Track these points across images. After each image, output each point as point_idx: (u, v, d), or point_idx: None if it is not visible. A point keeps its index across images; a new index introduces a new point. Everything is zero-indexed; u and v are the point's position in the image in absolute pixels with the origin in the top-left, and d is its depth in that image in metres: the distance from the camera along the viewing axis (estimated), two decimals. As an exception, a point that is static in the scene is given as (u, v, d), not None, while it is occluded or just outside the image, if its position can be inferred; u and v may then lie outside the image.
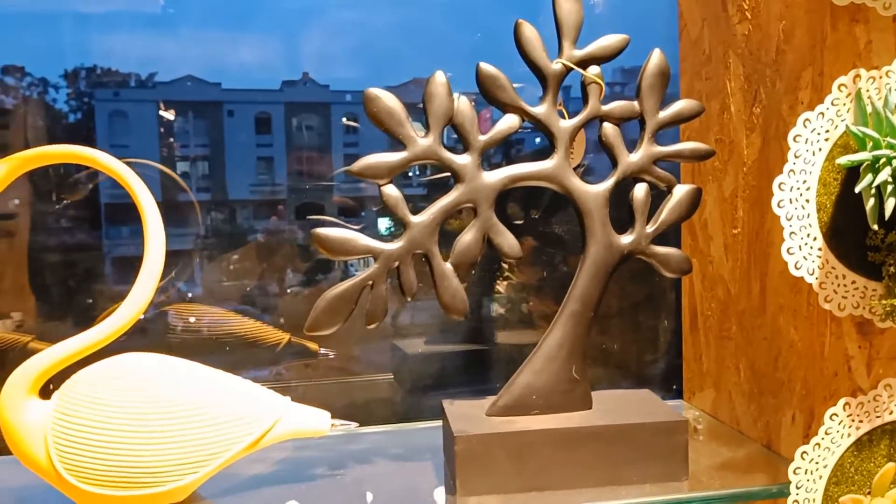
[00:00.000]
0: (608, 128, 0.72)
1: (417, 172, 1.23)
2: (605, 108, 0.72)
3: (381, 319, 0.70)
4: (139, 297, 0.69)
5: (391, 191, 0.69)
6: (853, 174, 0.64)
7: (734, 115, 0.80)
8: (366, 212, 1.22)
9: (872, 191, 0.62)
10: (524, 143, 1.13)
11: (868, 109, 0.63)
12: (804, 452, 0.64)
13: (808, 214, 0.63)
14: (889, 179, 0.61)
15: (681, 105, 0.73)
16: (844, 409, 0.66)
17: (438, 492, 0.70)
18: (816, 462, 0.65)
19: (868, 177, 0.61)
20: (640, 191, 0.73)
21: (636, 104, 0.72)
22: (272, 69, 1.15)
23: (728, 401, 0.85)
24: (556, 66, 0.71)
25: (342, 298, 0.68)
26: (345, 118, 1.23)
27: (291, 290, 1.12)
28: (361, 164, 0.69)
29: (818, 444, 0.65)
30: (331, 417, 0.72)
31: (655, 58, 0.72)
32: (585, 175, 0.91)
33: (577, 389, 0.73)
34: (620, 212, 0.74)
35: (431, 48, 1.15)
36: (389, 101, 0.68)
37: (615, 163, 0.72)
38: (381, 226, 1.23)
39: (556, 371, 0.72)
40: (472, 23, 1.15)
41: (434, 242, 0.70)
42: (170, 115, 1.11)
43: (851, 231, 0.65)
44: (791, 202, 0.63)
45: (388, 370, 1.10)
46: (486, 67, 0.70)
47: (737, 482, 0.70)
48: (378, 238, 0.69)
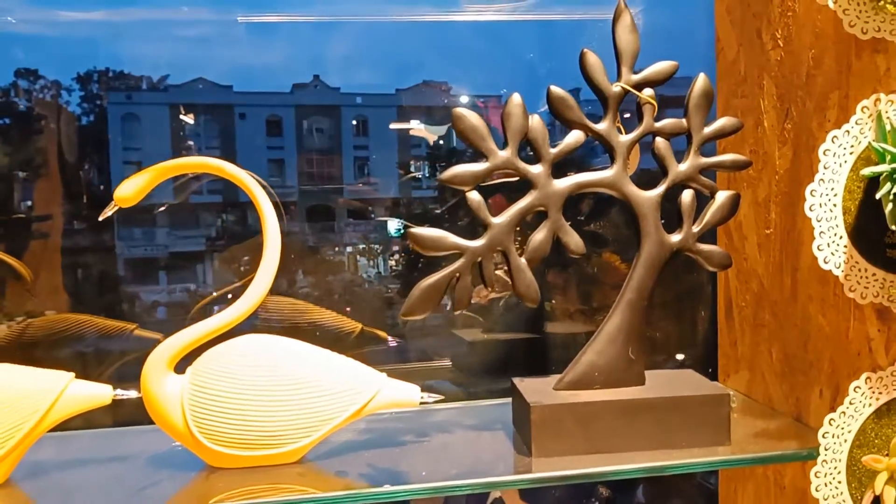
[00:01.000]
0: (660, 142, 0.84)
1: (427, 175, 1.31)
2: (658, 125, 0.83)
3: (466, 307, 0.81)
4: (258, 288, 0.81)
5: (474, 196, 0.80)
6: (874, 183, 0.75)
7: (768, 130, 0.92)
8: (374, 213, 1.29)
9: (891, 197, 0.73)
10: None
11: (887, 128, 0.74)
12: (831, 419, 0.76)
13: (836, 217, 0.75)
14: (905, 187, 0.72)
15: (723, 122, 0.84)
16: (866, 383, 0.77)
17: (514, 454, 0.82)
18: (842, 428, 0.76)
19: (887, 185, 0.73)
20: (688, 196, 0.84)
21: (684, 121, 0.84)
22: (283, 72, 1.20)
23: (762, 381, 0.96)
24: (616, 89, 0.82)
25: (434, 288, 0.80)
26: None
27: (302, 290, 1.21)
28: (450, 174, 0.80)
29: (843, 413, 0.76)
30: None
31: (701, 81, 0.84)
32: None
33: (633, 368, 0.84)
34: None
35: (441, 52, 1.20)
36: (473, 119, 0.79)
37: (665, 172, 0.84)
38: (391, 227, 1.31)
39: (616, 352, 0.84)
40: (479, 26, 1.22)
41: (511, 241, 0.81)
42: (189, 119, 1.18)
43: (873, 231, 0.77)
44: (821, 206, 0.74)
45: (448, 356, 1.21)
46: (556, 90, 0.81)
47: (772, 447, 0.81)
48: (463, 237, 0.80)
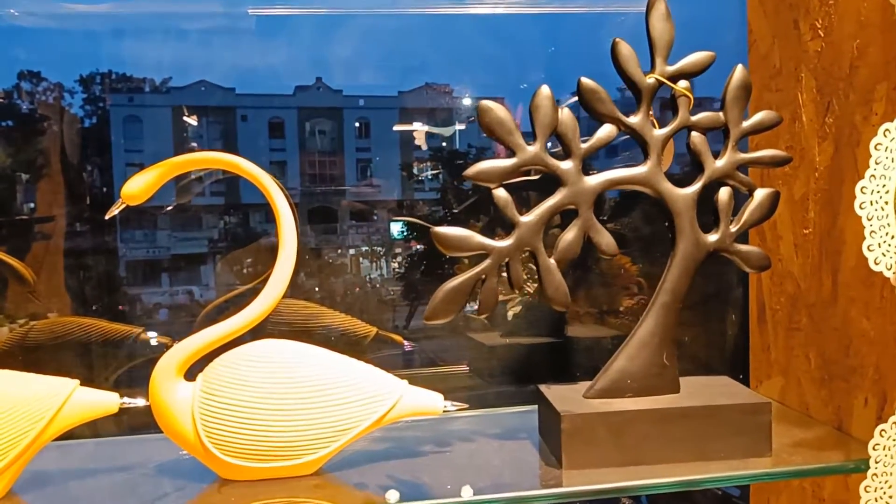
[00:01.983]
0: (696, 136, 0.79)
1: (430, 176, 1.29)
2: (694, 119, 0.79)
3: (492, 310, 0.77)
4: (273, 291, 0.77)
5: (501, 193, 0.76)
6: (927, 179, 0.70)
7: (806, 125, 0.87)
8: (376, 215, 1.27)
9: (946, 194, 0.69)
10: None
11: (942, 120, 0.70)
12: (882, 430, 0.71)
13: (888, 216, 0.70)
14: (961, 183, 0.68)
15: (761, 116, 0.80)
16: (917, 391, 0.73)
17: (543, 465, 0.77)
18: (894, 439, 0.72)
19: (942, 181, 0.68)
20: (725, 194, 0.80)
21: (721, 115, 0.79)
22: (285, 74, 1.17)
23: (797, 387, 0.92)
24: (650, 81, 0.78)
25: (458, 290, 0.76)
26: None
27: (304, 294, 1.18)
28: (476, 170, 0.76)
29: (895, 423, 0.72)
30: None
31: (739, 73, 0.79)
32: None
33: (667, 374, 0.80)
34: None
35: (446, 54, 1.17)
36: (500, 113, 0.75)
37: (702, 168, 0.80)
38: (394, 229, 1.28)
39: (649, 357, 0.80)
40: (485, 28, 1.19)
41: (539, 240, 0.77)
42: (192, 121, 1.16)
43: (926, 230, 0.72)
44: (871, 204, 0.70)
45: (465, 361, 1.17)
46: (587, 82, 0.77)
47: (816, 459, 0.77)
48: (489, 236, 0.76)
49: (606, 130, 0.78)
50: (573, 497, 0.73)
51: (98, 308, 1.10)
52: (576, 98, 0.79)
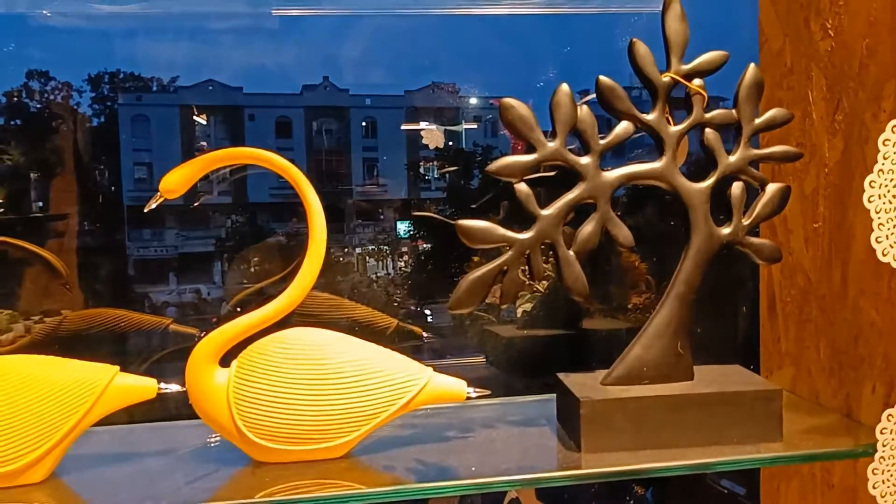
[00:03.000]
0: (710, 133, 0.82)
1: (437, 176, 1.31)
2: (708, 116, 0.82)
3: (514, 301, 0.80)
4: (304, 281, 0.80)
5: (523, 187, 0.79)
6: (933, 173, 0.73)
7: (816, 122, 0.90)
8: (382, 214, 1.29)
9: (952, 188, 0.72)
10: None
11: (947, 117, 0.73)
12: (890, 414, 0.74)
13: (895, 208, 0.73)
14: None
15: (773, 113, 0.83)
16: (924, 378, 0.75)
17: (562, 449, 0.80)
18: (900, 423, 0.75)
19: (948, 176, 0.71)
20: (737, 188, 0.83)
21: (734, 112, 0.82)
22: (293, 74, 1.19)
23: (807, 377, 0.94)
24: (666, 79, 0.81)
25: (481, 281, 0.79)
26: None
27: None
28: (498, 165, 0.79)
29: (901, 408, 0.75)
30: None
31: (751, 72, 0.82)
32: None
33: (682, 363, 0.83)
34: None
35: (451, 54, 1.20)
36: (522, 110, 0.78)
37: (715, 163, 0.82)
38: (401, 228, 1.30)
39: (664, 346, 0.83)
40: (488, 29, 1.21)
41: (559, 233, 0.80)
42: (202, 120, 1.18)
43: (932, 223, 0.75)
44: (880, 198, 0.73)
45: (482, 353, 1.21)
46: (605, 80, 0.80)
47: (825, 444, 0.80)
48: (511, 229, 0.79)
49: (623, 127, 0.81)
50: (591, 479, 0.76)
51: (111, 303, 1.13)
52: (593, 96, 0.82)
